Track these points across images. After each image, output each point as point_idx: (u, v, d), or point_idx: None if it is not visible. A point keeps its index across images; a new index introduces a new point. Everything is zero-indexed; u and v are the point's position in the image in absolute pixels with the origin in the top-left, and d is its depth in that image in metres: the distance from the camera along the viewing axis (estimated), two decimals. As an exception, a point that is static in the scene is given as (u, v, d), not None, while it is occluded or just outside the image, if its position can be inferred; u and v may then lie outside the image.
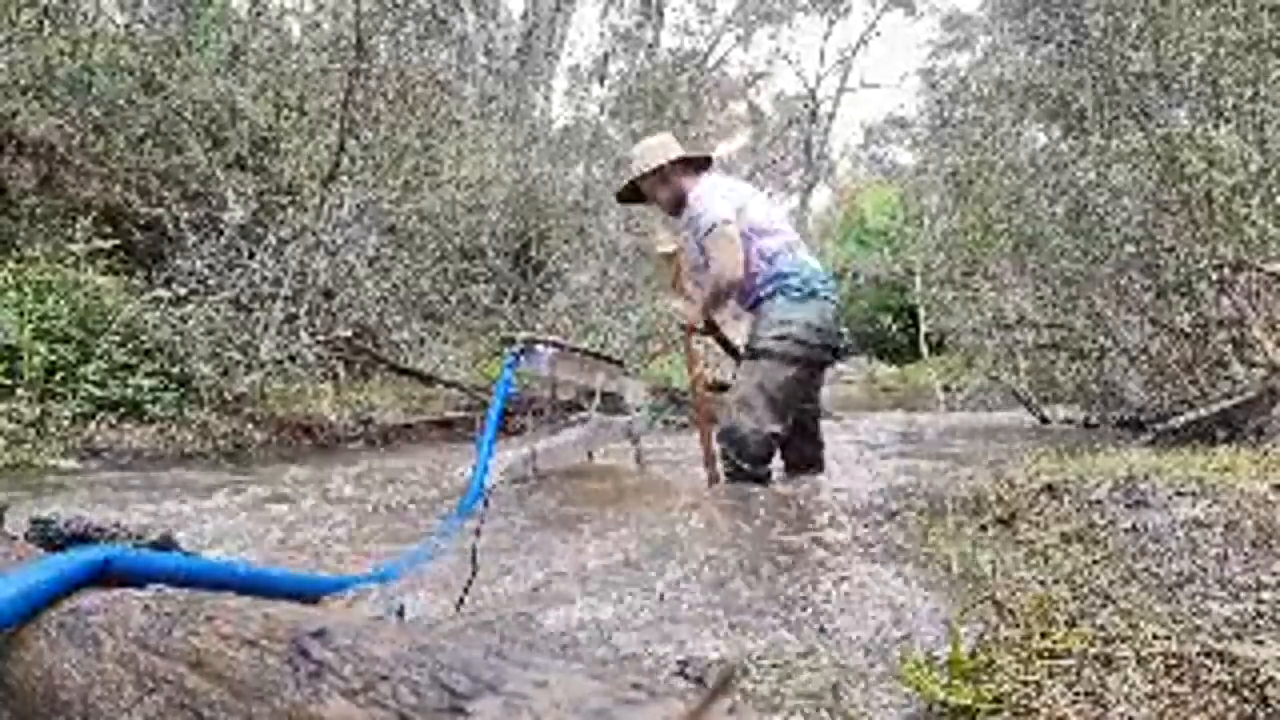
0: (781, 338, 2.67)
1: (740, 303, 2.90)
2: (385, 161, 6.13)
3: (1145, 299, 5.29)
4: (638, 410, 3.57)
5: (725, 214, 2.68)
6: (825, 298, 2.74)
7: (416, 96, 6.43)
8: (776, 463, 2.89)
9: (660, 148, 2.91)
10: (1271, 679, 0.87)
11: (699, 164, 2.96)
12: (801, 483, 2.80)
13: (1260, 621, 1.05)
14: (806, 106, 22.30)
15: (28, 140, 5.16)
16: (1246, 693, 0.87)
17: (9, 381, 3.56)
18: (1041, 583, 1.33)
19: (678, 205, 2.88)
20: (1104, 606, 1.16)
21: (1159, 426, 4.04)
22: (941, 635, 1.17)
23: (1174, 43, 4.67)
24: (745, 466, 2.71)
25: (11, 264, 4.04)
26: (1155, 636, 1.01)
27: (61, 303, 3.94)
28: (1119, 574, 1.34)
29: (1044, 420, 6.66)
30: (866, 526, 2.05)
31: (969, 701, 0.91)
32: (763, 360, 2.70)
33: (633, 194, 3.04)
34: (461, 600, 1.32)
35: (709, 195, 2.75)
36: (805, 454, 2.98)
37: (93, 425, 3.67)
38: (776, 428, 2.71)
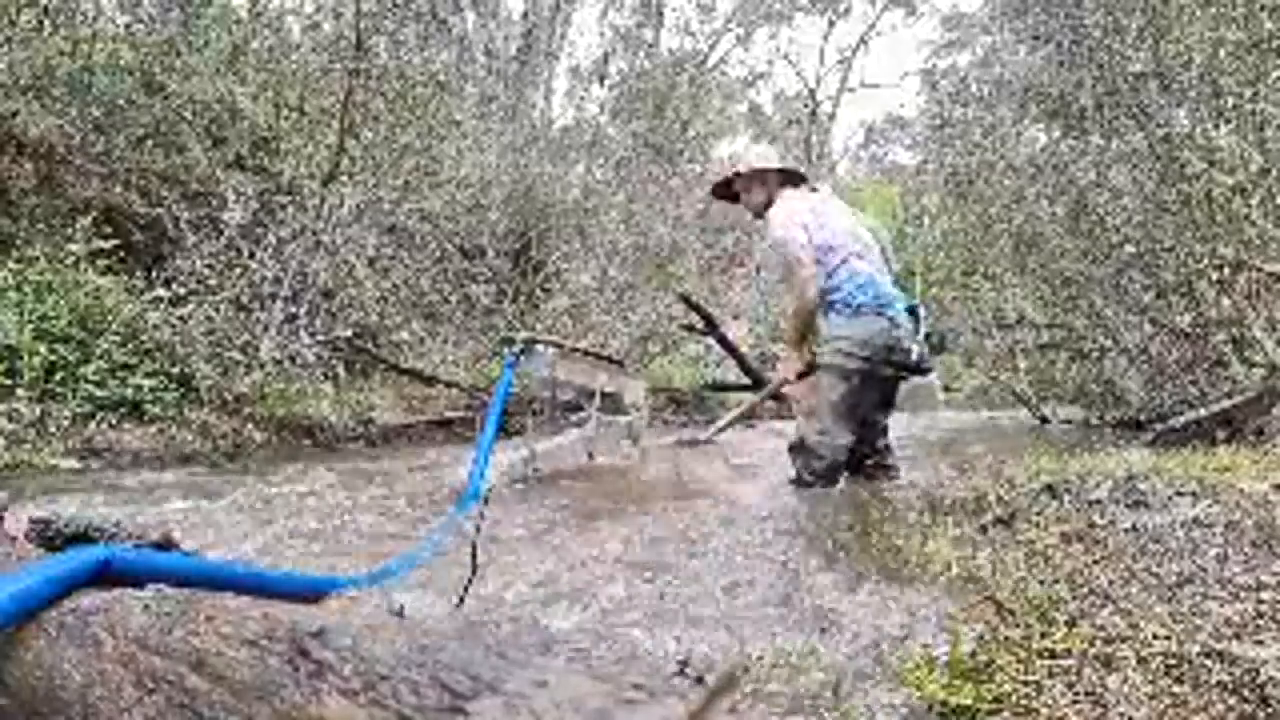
0: (835, 352, 2.77)
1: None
2: (385, 161, 6.12)
3: (1145, 299, 5.29)
4: (637, 410, 3.57)
5: (798, 242, 2.81)
6: (877, 313, 2.77)
7: (416, 96, 6.41)
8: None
9: (764, 155, 3.16)
10: (1271, 679, 0.87)
11: (793, 178, 3.13)
12: (808, 485, 2.80)
13: (1260, 621, 1.05)
14: (806, 106, 22.30)
15: (28, 140, 5.15)
16: (1246, 693, 0.87)
17: (9, 381, 3.55)
18: (1041, 583, 1.33)
19: (764, 210, 3.05)
20: (1104, 606, 1.16)
21: (1159, 426, 4.04)
22: (941, 635, 1.17)
23: (1174, 43, 4.67)
24: (808, 477, 2.77)
25: (11, 264, 4.02)
26: (1155, 636, 1.01)
27: (61, 303, 3.93)
28: (1119, 574, 1.34)
29: (1044, 420, 6.66)
30: (867, 526, 2.05)
31: (969, 701, 0.91)
32: (824, 375, 2.81)
33: (724, 190, 3.22)
34: (461, 600, 1.32)
35: (786, 216, 2.89)
36: (867, 462, 2.99)
37: (93, 425, 3.67)
38: (846, 439, 2.78)
